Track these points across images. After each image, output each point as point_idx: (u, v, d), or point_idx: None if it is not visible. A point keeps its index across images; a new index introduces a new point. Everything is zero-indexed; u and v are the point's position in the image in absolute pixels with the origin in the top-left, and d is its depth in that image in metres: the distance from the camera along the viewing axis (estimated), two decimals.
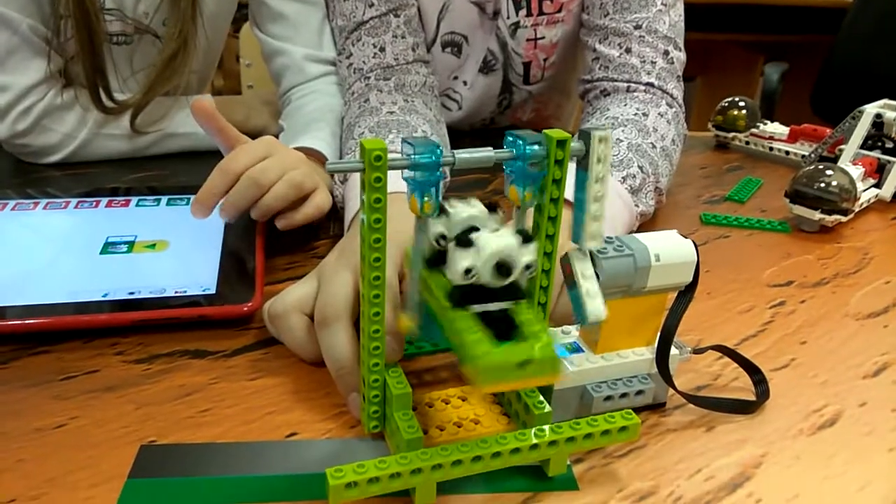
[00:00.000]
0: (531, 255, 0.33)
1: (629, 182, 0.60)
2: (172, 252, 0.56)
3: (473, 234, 0.32)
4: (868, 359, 0.49)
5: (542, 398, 0.38)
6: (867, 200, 0.76)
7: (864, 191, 0.75)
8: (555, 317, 0.47)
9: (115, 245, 0.56)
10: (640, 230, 0.61)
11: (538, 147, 0.34)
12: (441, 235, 0.34)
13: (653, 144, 0.66)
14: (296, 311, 0.44)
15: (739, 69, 2.58)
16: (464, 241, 0.32)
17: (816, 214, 0.68)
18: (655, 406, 0.43)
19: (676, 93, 0.76)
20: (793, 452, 0.40)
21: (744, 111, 0.93)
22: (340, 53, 0.80)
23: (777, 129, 0.93)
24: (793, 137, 0.91)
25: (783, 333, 0.52)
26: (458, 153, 0.33)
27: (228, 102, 0.89)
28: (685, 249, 0.39)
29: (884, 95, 0.85)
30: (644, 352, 0.41)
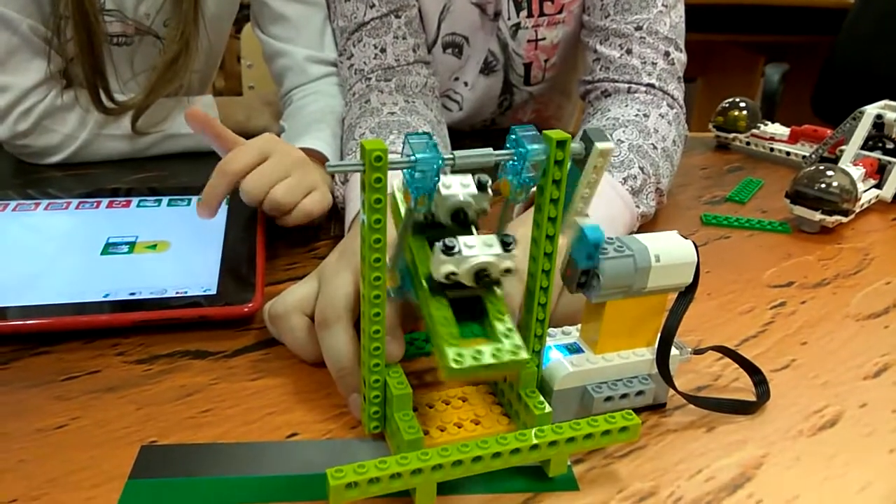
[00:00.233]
0: (511, 262, 0.34)
1: (630, 183, 0.60)
2: (173, 253, 0.56)
3: (460, 239, 0.34)
4: (868, 360, 0.49)
5: (543, 399, 0.38)
6: (868, 201, 0.76)
7: (865, 191, 0.75)
8: (555, 317, 0.47)
9: (116, 246, 0.56)
10: (641, 231, 0.61)
11: (538, 147, 0.34)
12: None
13: (654, 145, 0.66)
14: (296, 312, 0.44)
15: (740, 70, 2.58)
16: (448, 249, 0.33)
17: (817, 215, 0.68)
18: (656, 406, 0.43)
19: (677, 94, 0.76)
20: (793, 453, 0.40)
21: (744, 112, 0.93)
22: (341, 54, 0.80)
23: (778, 130, 0.92)
24: (793, 138, 0.91)
25: (784, 334, 0.52)
26: (459, 153, 0.33)
27: (229, 103, 0.89)
28: (685, 250, 0.39)
29: (884, 96, 0.85)
30: (644, 352, 0.41)
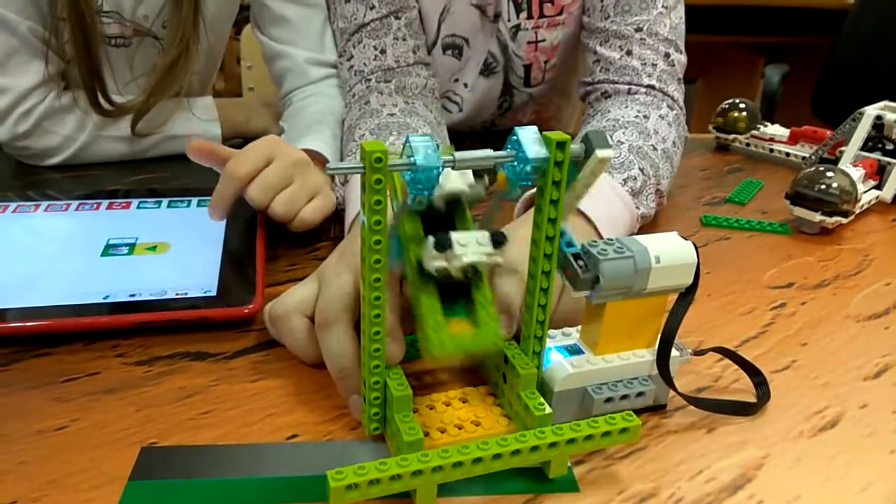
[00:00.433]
0: (500, 258, 0.36)
1: (630, 184, 0.60)
2: (173, 254, 0.56)
3: (452, 236, 0.34)
4: (869, 360, 0.49)
5: (543, 400, 0.38)
6: (868, 202, 0.76)
7: (865, 192, 0.75)
8: (555, 318, 0.47)
9: (116, 247, 0.56)
10: (641, 232, 0.61)
11: (539, 157, 0.34)
12: (442, 268, 0.36)
13: (654, 146, 0.66)
14: (296, 313, 0.44)
15: (740, 71, 2.58)
16: (441, 244, 0.34)
17: (817, 216, 0.68)
18: (656, 408, 0.43)
19: (677, 95, 0.76)
20: (794, 454, 0.40)
21: (744, 113, 0.93)
22: (341, 55, 0.80)
23: (777, 131, 0.93)
24: (793, 139, 0.91)
25: (784, 335, 0.52)
26: (458, 155, 0.34)
27: (229, 105, 0.89)
28: (685, 251, 0.39)
29: (884, 97, 0.85)
30: (644, 353, 0.41)
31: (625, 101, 0.74)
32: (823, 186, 0.68)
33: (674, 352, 0.41)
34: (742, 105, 0.94)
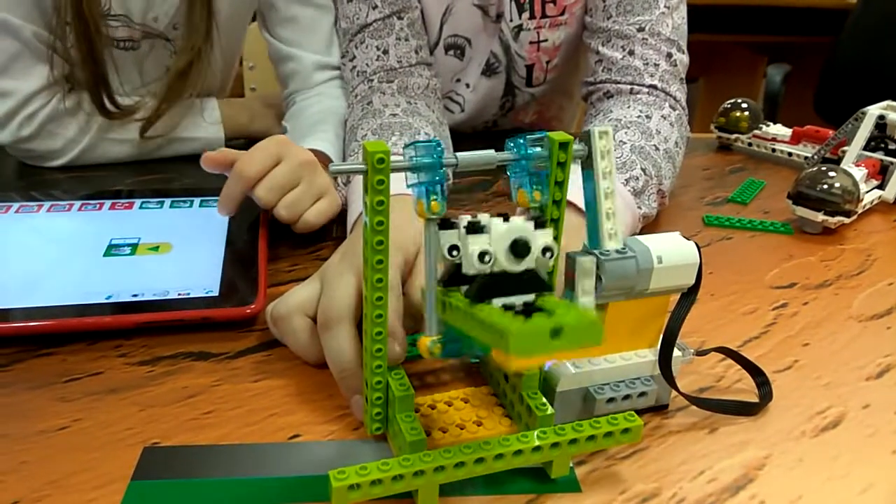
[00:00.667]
0: (548, 238, 0.32)
1: (632, 184, 0.60)
2: (176, 254, 0.56)
3: (483, 220, 0.32)
4: (871, 361, 0.49)
5: (545, 400, 0.38)
6: (870, 202, 0.75)
7: (867, 192, 0.75)
8: None
9: (119, 247, 0.56)
10: (643, 232, 0.61)
11: (539, 149, 0.34)
12: (453, 246, 0.32)
13: (656, 147, 0.66)
14: (299, 314, 0.44)
15: (742, 70, 2.58)
16: (474, 227, 0.31)
17: (819, 216, 0.68)
18: (658, 408, 0.43)
19: (679, 95, 0.76)
20: (796, 454, 0.40)
21: (746, 113, 0.93)
22: (344, 56, 0.80)
23: (780, 131, 0.92)
24: (795, 139, 0.91)
25: (786, 335, 0.52)
26: (461, 155, 0.34)
27: (232, 106, 0.89)
28: (687, 251, 0.39)
29: (887, 97, 0.85)
30: (647, 354, 0.41)
31: (627, 102, 0.74)
32: (826, 186, 0.68)
33: (676, 352, 0.41)
34: (744, 105, 0.94)
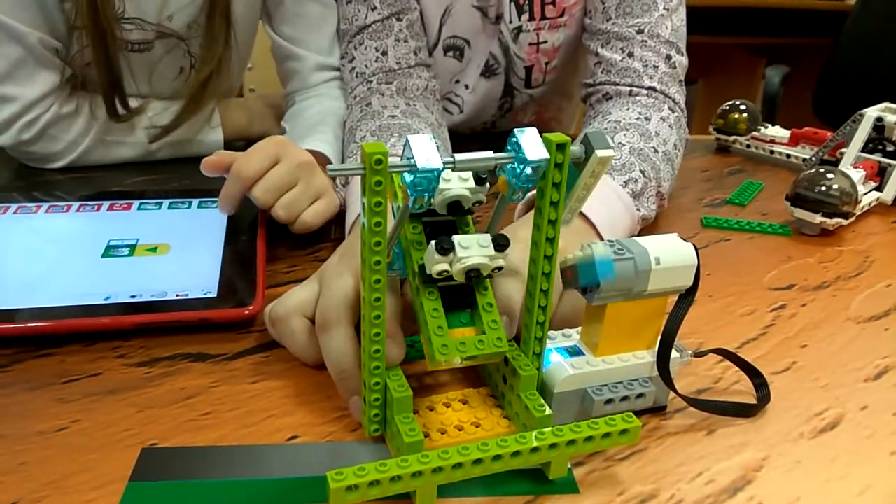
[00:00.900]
0: (503, 261, 0.37)
1: (631, 186, 0.60)
2: (174, 255, 0.56)
3: (455, 239, 0.35)
4: (869, 362, 0.49)
5: (543, 401, 0.38)
6: (868, 204, 0.76)
7: (865, 194, 0.75)
8: (555, 319, 0.47)
9: (117, 248, 0.56)
10: (641, 233, 0.61)
11: (539, 159, 0.34)
12: (444, 272, 0.36)
13: (655, 149, 0.66)
14: (297, 315, 0.44)
15: (741, 72, 2.58)
16: (443, 248, 0.35)
17: (817, 218, 0.68)
18: (656, 409, 0.43)
19: (678, 97, 0.76)
20: (794, 456, 0.40)
21: (745, 114, 0.93)
22: (343, 57, 0.80)
23: (778, 133, 0.93)
24: (794, 141, 0.91)
25: (784, 337, 0.52)
26: (459, 156, 0.34)
27: (232, 107, 0.89)
28: (686, 253, 0.39)
29: (885, 98, 0.85)
30: (645, 355, 0.41)
31: (626, 103, 0.74)
32: (824, 188, 0.68)
33: (674, 353, 0.42)
34: (742, 106, 0.94)
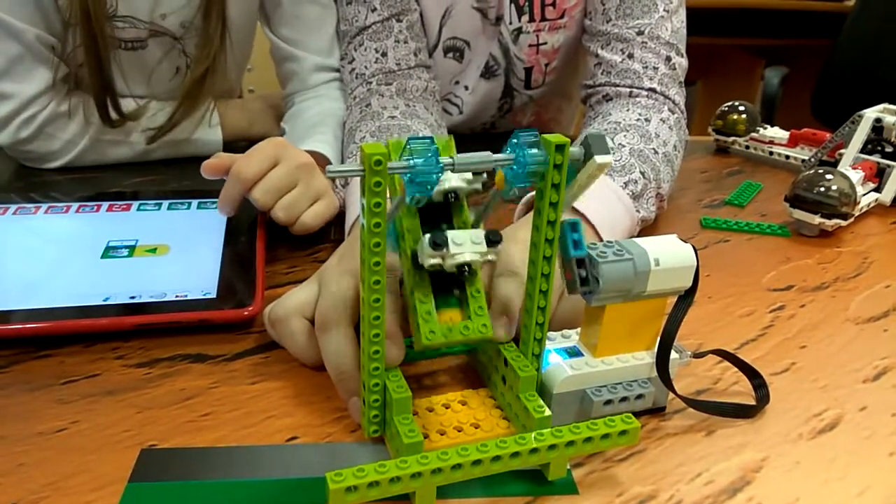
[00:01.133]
0: (494, 255, 0.37)
1: (631, 187, 0.60)
2: (173, 256, 0.56)
3: (449, 234, 0.36)
4: (868, 363, 0.49)
5: (542, 402, 0.38)
6: (867, 205, 0.76)
7: (864, 195, 0.75)
8: (555, 321, 0.47)
9: (117, 249, 0.56)
10: (641, 234, 0.61)
11: (537, 151, 0.34)
12: (437, 265, 0.36)
13: (655, 150, 0.66)
14: (296, 316, 0.44)
15: (740, 73, 2.58)
16: (437, 243, 0.35)
17: (816, 219, 0.68)
18: (655, 410, 0.43)
19: (678, 98, 0.76)
20: (793, 457, 0.40)
21: (743, 115, 0.94)
22: (343, 58, 0.80)
23: (777, 134, 0.93)
24: (793, 142, 0.91)
25: (783, 337, 0.52)
26: (458, 157, 0.34)
27: (232, 108, 0.89)
28: (685, 254, 0.39)
29: (884, 99, 0.85)
30: (644, 356, 0.41)
31: (626, 105, 0.74)
32: (823, 189, 0.68)
33: (673, 354, 0.42)
34: (741, 107, 0.94)
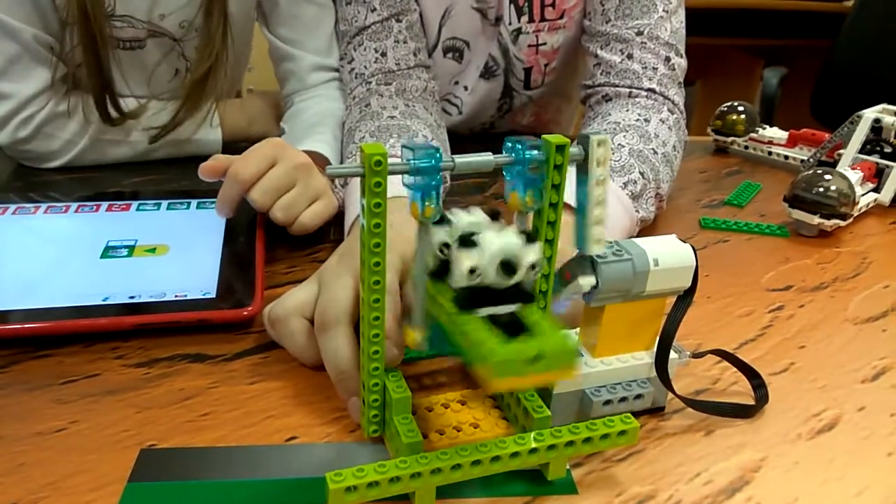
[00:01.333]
0: (536, 255, 0.32)
1: (630, 188, 0.60)
2: (173, 256, 0.56)
3: (476, 235, 0.32)
4: (867, 363, 0.49)
5: (542, 402, 0.38)
6: (866, 205, 0.76)
7: (863, 195, 0.75)
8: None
9: (116, 249, 0.56)
10: (640, 235, 0.61)
11: (537, 152, 0.34)
12: (444, 244, 0.33)
13: (654, 150, 0.66)
14: (296, 315, 0.44)
15: (739, 74, 2.58)
16: (467, 241, 0.32)
17: (815, 219, 0.69)
18: (654, 410, 0.43)
19: (678, 99, 0.76)
20: (792, 457, 0.40)
21: (743, 115, 0.94)
22: (342, 58, 0.80)
23: (776, 134, 0.93)
24: (792, 142, 0.91)
25: (782, 338, 0.52)
26: (458, 158, 0.34)
27: (231, 108, 0.89)
28: (684, 254, 0.39)
29: (883, 100, 0.85)
30: (643, 356, 0.41)
31: (625, 105, 0.74)
32: (822, 189, 0.68)
33: (672, 354, 0.42)
34: (740, 108, 0.94)
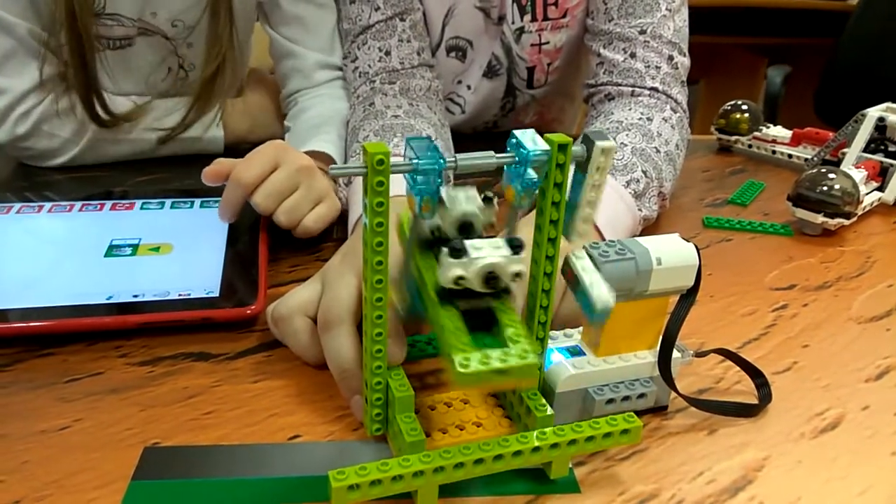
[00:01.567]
0: (520, 266, 0.33)
1: (633, 186, 0.60)
2: (176, 255, 0.56)
3: (467, 242, 0.33)
4: (870, 362, 0.49)
5: (545, 401, 0.38)
6: (870, 204, 0.75)
7: (867, 194, 0.75)
8: (557, 319, 0.47)
9: (120, 248, 0.56)
10: (643, 234, 0.61)
11: (539, 151, 0.34)
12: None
13: (657, 149, 0.66)
14: (299, 314, 0.45)
15: (742, 72, 2.58)
16: (456, 251, 0.32)
17: (819, 218, 0.68)
18: (657, 409, 0.43)
19: (681, 98, 0.76)
20: (795, 456, 0.40)
21: (746, 114, 0.93)
22: (346, 57, 0.80)
23: (780, 133, 0.93)
24: (795, 141, 0.91)
25: (785, 337, 0.52)
26: (461, 157, 0.34)
27: (233, 108, 0.89)
28: (687, 253, 0.39)
29: (887, 98, 0.85)
30: (646, 355, 0.41)
31: (628, 104, 0.74)
32: (825, 188, 0.68)
33: (675, 353, 0.42)
34: (744, 106, 0.94)
